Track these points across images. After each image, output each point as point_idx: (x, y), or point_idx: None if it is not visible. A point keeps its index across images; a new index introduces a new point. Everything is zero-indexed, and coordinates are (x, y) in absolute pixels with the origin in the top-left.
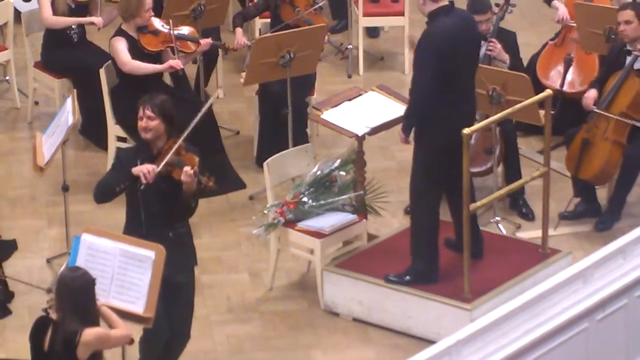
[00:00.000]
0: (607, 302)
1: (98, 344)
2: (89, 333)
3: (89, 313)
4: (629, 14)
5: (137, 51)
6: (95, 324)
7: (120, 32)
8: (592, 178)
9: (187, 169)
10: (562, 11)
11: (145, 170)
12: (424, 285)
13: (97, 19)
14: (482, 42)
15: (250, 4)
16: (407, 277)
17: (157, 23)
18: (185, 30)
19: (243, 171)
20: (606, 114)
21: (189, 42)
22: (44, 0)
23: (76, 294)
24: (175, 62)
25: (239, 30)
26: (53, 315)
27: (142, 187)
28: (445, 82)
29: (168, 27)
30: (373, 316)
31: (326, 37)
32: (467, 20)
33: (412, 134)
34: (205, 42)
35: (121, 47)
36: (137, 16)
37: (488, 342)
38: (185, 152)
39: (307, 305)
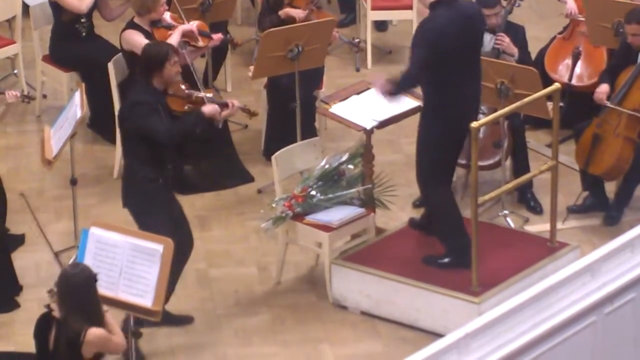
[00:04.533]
0: (615, 296)
1: (101, 345)
2: (93, 333)
3: (92, 309)
4: (635, 28)
5: None
6: (99, 320)
7: (133, 25)
8: (603, 174)
9: (235, 102)
10: (571, 5)
11: (216, 111)
12: (456, 269)
13: None
14: (491, 35)
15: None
16: (446, 260)
17: (169, 17)
18: (196, 24)
19: (251, 165)
20: (619, 109)
21: (200, 37)
22: None
23: (78, 291)
24: (195, 24)
25: (285, 12)
26: (56, 314)
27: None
28: (444, 76)
29: (180, 21)
30: (381, 310)
31: (336, 33)
32: (473, 18)
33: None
34: (217, 37)
35: (139, 38)
36: (152, 11)
37: (496, 335)
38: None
39: (315, 299)
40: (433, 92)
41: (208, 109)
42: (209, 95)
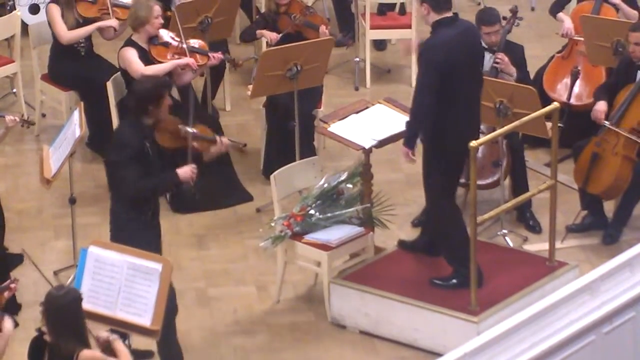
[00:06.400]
0: (614, 315)
1: None
2: (85, 355)
3: (81, 330)
4: (638, 37)
5: (146, 62)
6: (87, 341)
7: (130, 43)
8: (602, 193)
9: (224, 139)
10: (568, 25)
11: (192, 174)
12: (464, 289)
13: (114, 22)
14: (489, 54)
15: (257, 16)
16: (454, 281)
17: (167, 35)
18: (195, 43)
19: (250, 184)
20: (617, 129)
21: (199, 56)
22: (57, 19)
23: (66, 313)
24: (192, 61)
25: (261, 32)
26: (47, 338)
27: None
28: (449, 93)
29: (179, 39)
30: (380, 329)
31: (326, 30)
32: (469, 32)
33: (414, 149)
34: (216, 56)
35: (133, 57)
36: (147, 23)
37: (495, 354)
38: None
39: (314, 318)
40: (436, 114)
41: (183, 173)
42: (195, 131)
